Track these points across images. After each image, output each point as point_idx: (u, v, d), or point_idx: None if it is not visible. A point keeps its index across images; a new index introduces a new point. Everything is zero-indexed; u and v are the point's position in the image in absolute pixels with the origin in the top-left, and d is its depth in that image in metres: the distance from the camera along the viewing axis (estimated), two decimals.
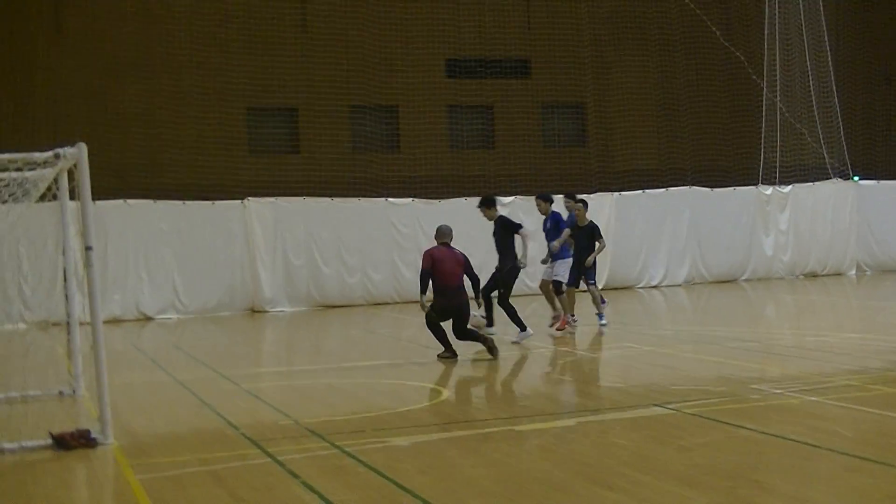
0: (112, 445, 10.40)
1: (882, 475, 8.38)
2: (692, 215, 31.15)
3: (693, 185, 32.37)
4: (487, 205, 19.94)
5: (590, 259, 20.11)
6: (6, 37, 31.32)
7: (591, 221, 20.81)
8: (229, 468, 9.42)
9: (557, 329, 19.53)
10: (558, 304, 19.85)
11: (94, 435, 10.48)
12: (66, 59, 31.59)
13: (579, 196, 21.28)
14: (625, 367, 15.53)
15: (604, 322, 20.44)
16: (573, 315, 20.08)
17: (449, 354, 16.17)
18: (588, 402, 12.43)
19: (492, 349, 15.98)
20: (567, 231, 19.93)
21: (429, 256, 16.27)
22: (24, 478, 9.34)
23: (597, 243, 20.37)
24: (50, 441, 10.40)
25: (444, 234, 16.83)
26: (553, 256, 19.97)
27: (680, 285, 30.79)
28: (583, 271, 20.13)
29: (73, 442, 10.35)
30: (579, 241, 20.25)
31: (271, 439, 10.53)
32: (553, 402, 12.54)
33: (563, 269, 19.80)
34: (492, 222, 19.60)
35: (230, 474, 9.18)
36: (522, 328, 18.17)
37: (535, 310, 22.94)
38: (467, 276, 16.53)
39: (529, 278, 28.33)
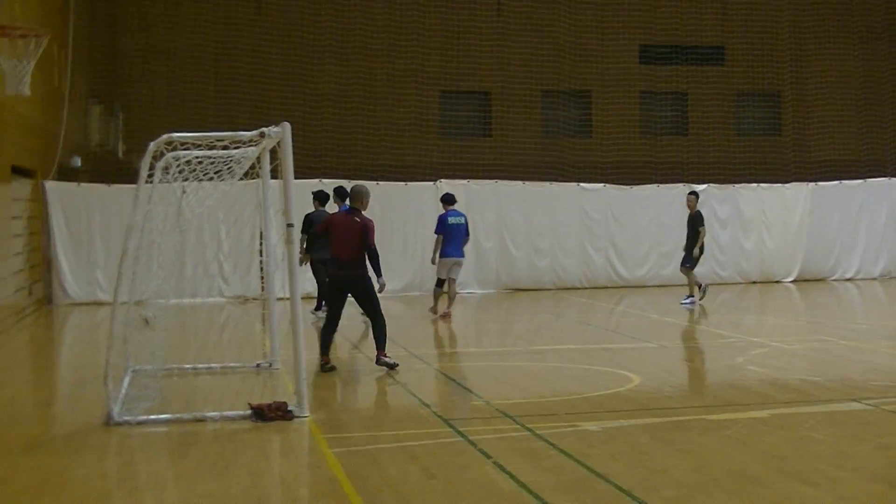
0: (308, 419, 10.64)
1: None
2: (891, 207, 30.19)
3: (893, 176, 31.37)
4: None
5: (696, 248, 22.87)
6: (211, 22, 32.28)
7: (698, 211, 23.39)
8: (422, 446, 9.55)
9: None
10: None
11: (290, 408, 10.74)
12: (265, 44, 32.40)
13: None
14: (819, 360, 15.18)
15: (688, 303, 22.81)
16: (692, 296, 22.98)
17: (324, 363, 14.17)
18: (781, 395, 12.17)
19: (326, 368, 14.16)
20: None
21: (324, 223, 14.55)
22: (226, 447, 9.63)
23: (700, 230, 22.89)
24: (249, 412, 10.71)
25: (353, 197, 14.70)
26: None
27: (875, 279, 29.91)
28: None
29: (271, 414, 10.64)
30: (688, 228, 23.17)
31: (463, 419, 10.65)
32: (745, 393, 12.33)
33: None
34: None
35: (423, 452, 9.31)
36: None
37: (725, 299, 22.65)
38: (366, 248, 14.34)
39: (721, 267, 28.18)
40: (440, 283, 21.42)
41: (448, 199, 21.50)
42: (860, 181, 30.53)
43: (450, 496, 7.90)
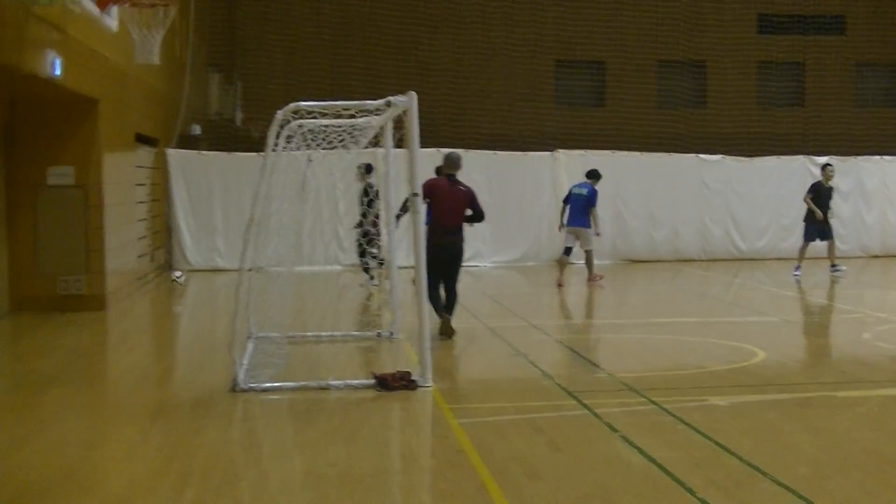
0: (431, 389, 10.65)
1: None
2: None
3: None
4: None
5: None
6: None
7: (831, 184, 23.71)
8: (547, 418, 9.50)
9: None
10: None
11: (414, 377, 10.76)
12: (380, 13, 32.45)
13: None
14: None
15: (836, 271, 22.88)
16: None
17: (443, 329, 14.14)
18: None
19: (446, 329, 14.17)
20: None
21: (426, 186, 13.44)
22: (351, 415, 9.68)
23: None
24: (373, 381, 10.75)
25: (451, 165, 14.60)
26: None
27: None
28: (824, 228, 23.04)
29: (395, 383, 10.66)
30: (824, 199, 23.10)
31: (587, 391, 10.55)
32: (874, 370, 12.08)
33: None
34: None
35: (548, 424, 9.26)
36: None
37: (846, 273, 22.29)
38: (472, 212, 14.49)
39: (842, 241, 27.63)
40: (566, 251, 21.85)
41: (588, 173, 22.28)
42: None
43: (578, 470, 7.84)
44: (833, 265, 23.13)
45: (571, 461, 8.10)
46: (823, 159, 28.05)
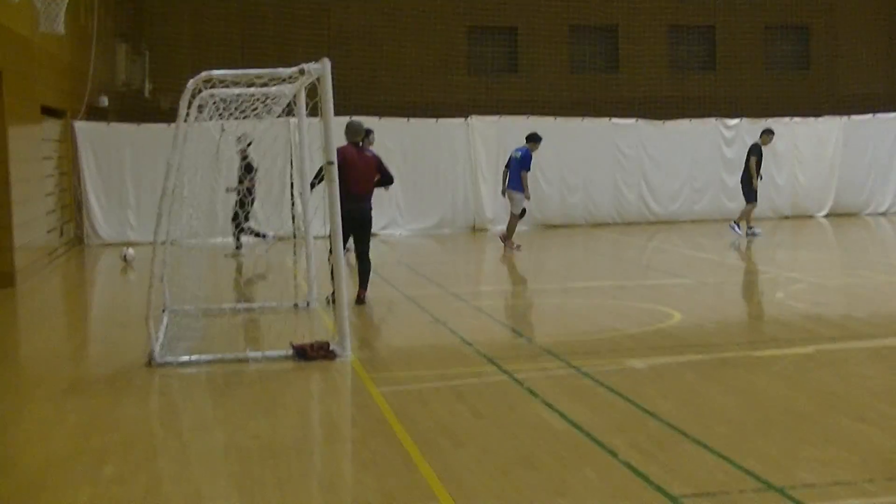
0: (350, 358, 10.57)
1: None
2: None
3: None
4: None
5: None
6: None
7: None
8: (468, 384, 9.48)
9: None
10: None
11: (333, 347, 10.67)
12: None
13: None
14: (858, 296, 15.05)
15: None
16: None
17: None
18: (825, 330, 12.08)
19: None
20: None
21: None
22: (271, 386, 9.60)
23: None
24: (291, 352, 10.65)
25: (354, 132, 14.47)
26: None
27: None
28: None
29: (314, 353, 10.57)
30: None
31: (507, 357, 10.55)
32: (788, 329, 12.23)
33: None
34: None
35: (470, 391, 9.24)
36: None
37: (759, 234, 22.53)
38: (382, 176, 14.64)
39: None
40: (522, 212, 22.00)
41: (527, 137, 22.09)
42: (893, 114, 30.13)
43: (501, 436, 7.83)
44: (750, 227, 23.37)
45: (494, 427, 8.08)
46: (735, 121, 28.39)
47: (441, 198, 26.55)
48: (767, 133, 24.21)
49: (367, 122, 25.78)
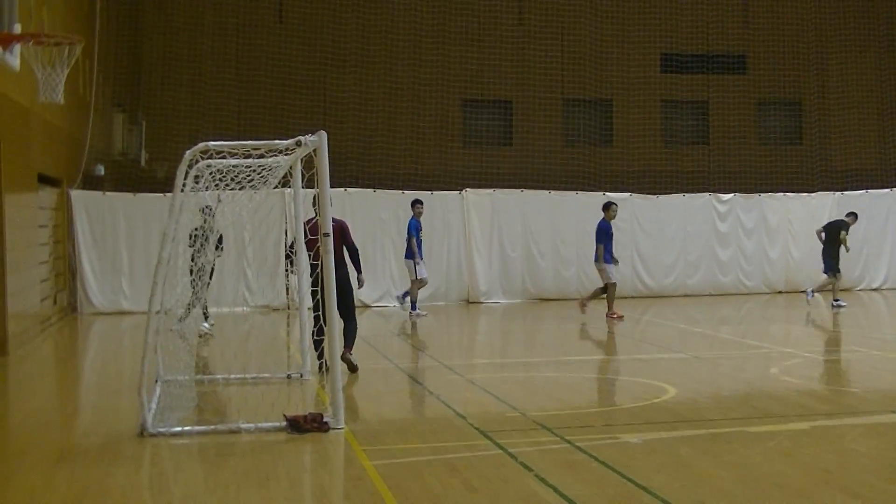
0: (344, 430, 10.53)
1: None
2: None
3: None
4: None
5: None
6: (233, 29, 32.25)
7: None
8: (462, 458, 9.43)
9: None
10: None
11: (326, 419, 10.63)
12: (287, 51, 32.35)
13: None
14: (853, 371, 15.06)
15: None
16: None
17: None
18: (820, 406, 12.05)
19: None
20: None
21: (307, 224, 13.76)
22: (263, 458, 9.53)
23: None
24: (284, 423, 10.60)
25: None
26: None
27: (875, 289, 29.70)
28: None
29: (307, 425, 10.53)
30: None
31: (500, 431, 10.51)
32: (783, 404, 12.19)
33: None
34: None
35: (463, 464, 9.19)
36: None
37: (752, 308, 22.48)
38: (346, 247, 14.68)
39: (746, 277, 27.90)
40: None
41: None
42: (886, 190, 30.32)
43: None
44: (836, 299, 24.56)
45: (487, 501, 8.04)
46: (728, 196, 28.54)
47: (435, 269, 26.56)
48: (852, 216, 25.64)
49: (362, 193, 26.15)
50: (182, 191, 11.19)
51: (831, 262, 24.68)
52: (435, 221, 26.74)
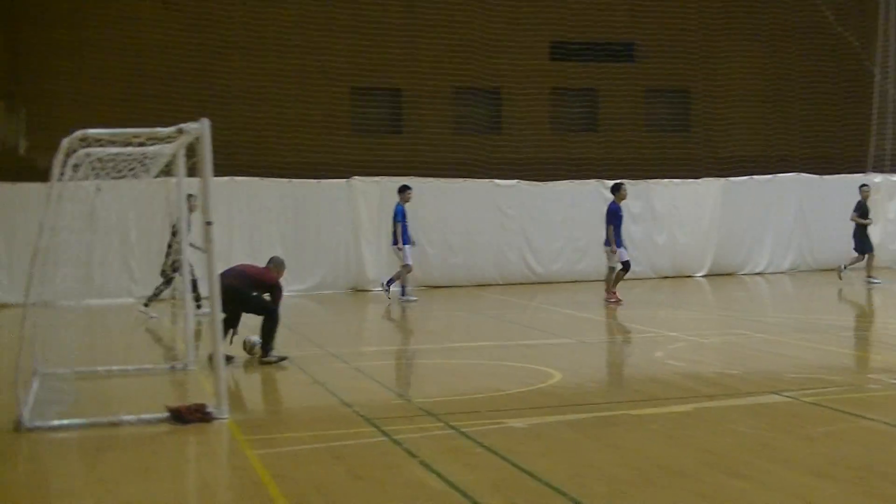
0: (228, 420, 10.40)
1: None
2: (799, 202, 30.59)
3: (800, 171, 31.71)
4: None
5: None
6: (117, 17, 31.64)
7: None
8: (346, 446, 9.37)
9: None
10: None
11: (209, 409, 10.50)
12: (172, 37, 31.84)
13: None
14: (735, 354, 15.26)
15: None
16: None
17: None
18: (702, 388, 12.20)
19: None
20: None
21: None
22: (144, 451, 9.38)
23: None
24: (167, 415, 10.44)
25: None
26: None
27: (785, 272, 30.25)
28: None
29: (190, 416, 10.38)
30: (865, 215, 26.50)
31: (386, 418, 10.47)
32: (667, 387, 12.32)
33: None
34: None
35: (348, 452, 9.13)
36: None
37: (639, 294, 22.73)
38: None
39: (634, 263, 28.12)
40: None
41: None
42: (770, 177, 30.86)
43: (379, 497, 7.74)
44: (869, 276, 26.01)
45: (372, 488, 7.99)
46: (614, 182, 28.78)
47: (323, 258, 26.43)
48: (862, 187, 26.98)
49: (249, 182, 25.85)
50: (60, 180, 10.93)
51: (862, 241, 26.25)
52: (323, 210, 26.59)
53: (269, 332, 14.66)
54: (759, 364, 14.06)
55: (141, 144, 11.20)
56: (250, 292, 14.71)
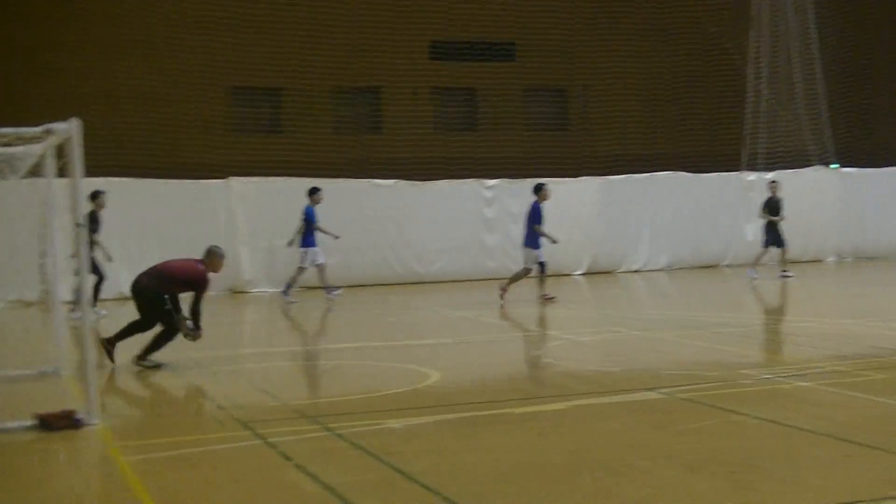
0: (98, 426, 10.18)
1: (879, 460, 8.31)
2: (675, 200, 31.00)
3: (677, 170, 32.17)
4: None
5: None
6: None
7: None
8: (220, 450, 9.24)
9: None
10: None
11: (79, 416, 10.27)
12: (35, 36, 31.16)
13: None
14: (613, 352, 15.42)
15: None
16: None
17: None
18: (579, 386, 12.29)
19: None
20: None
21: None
22: (10, 459, 9.18)
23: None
24: (35, 422, 10.19)
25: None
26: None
27: (662, 270, 30.67)
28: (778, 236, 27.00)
29: (59, 423, 10.14)
30: (774, 210, 27.13)
31: (261, 421, 10.36)
32: (544, 386, 12.43)
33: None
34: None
35: (222, 456, 9.02)
36: None
37: (519, 293, 22.89)
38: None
39: (513, 262, 28.23)
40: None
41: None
42: (647, 175, 31.26)
43: (253, 501, 7.65)
44: (784, 270, 26.63)
45: (246, 493, 7.89)
46: (494, 182, 28.92)
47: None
48: (771, 183, 27.83)
49: (122, 183, 25.37)
50: None
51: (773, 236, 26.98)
52: (199, 211, 26.23)
53: (159, 340, 14.39)
54: (636, 361, 14.22)
55: (6, 145, 10.92)
56: (163, 293, 14.41)
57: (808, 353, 14.53)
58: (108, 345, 14.41)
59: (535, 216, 22.30)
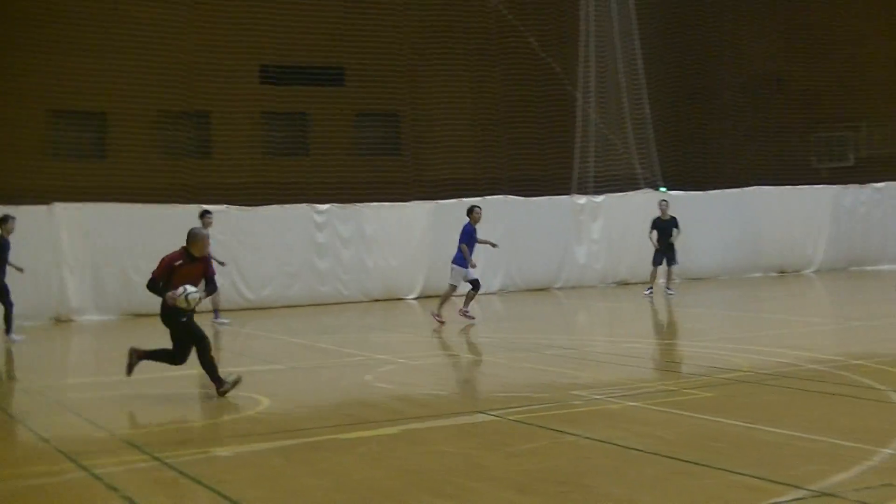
0: None
1: (706, 477, 8.45)
2: (507, 224, 31.17)
3: (508, 193, 32.48)
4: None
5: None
6: None
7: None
8: (44, 484, 8.94)
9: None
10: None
11: None
12: None
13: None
14: (445, 375, 15.47)
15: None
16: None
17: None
18: (410, 410, 12.27)
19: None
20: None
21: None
22: None
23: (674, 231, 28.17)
24: None
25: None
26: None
27: (494, 293, 30.83)
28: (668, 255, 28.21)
29: None
30: (662, 230, 28.18)
31: (87, 452, 10.05)
32: (375, 410, 12.34)
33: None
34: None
35: (44, 490, 8.73)
36: None
37: (350, 318, 22.75)
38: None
39: (344, 286, 28.21)
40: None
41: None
42: (478, 199, 31.42)
43: None
44: (668, 287, 28.23)
45: None
46: (325, 207, 28.79)
47: (20, 289, 25.07)
48: (660, 203, 28.71)
49: None
50: None
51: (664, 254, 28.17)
52: (20, 237, 25.31)
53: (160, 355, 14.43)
54: (468, 384, 14.30)
55: None
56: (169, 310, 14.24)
57: (636, 373, 14.78)
58: (135, 357, 14.26)
59: (463, 237, 22.76)
